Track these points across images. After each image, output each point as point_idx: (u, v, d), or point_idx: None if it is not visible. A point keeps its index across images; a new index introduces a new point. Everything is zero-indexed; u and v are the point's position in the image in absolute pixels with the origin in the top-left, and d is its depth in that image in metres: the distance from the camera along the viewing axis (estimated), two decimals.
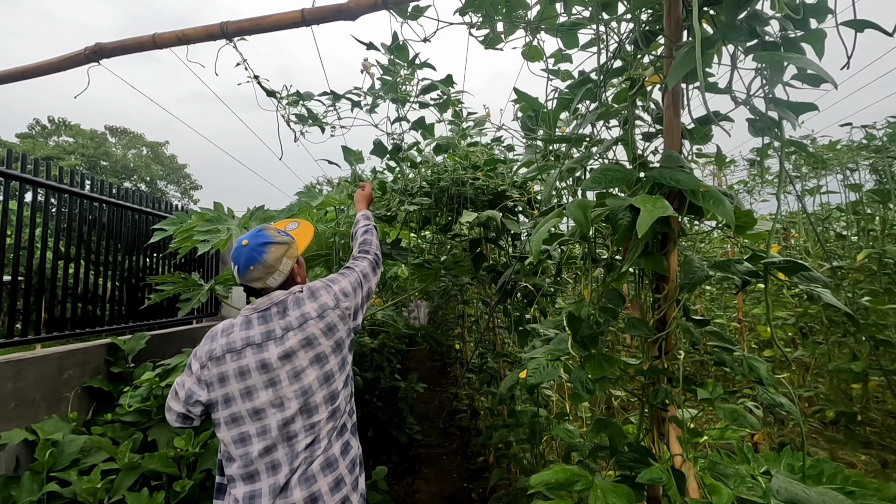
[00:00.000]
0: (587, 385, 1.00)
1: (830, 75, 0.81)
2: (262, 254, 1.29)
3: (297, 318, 1.27)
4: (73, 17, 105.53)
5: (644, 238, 0.98)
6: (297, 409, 1.21)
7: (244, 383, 1.22)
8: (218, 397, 1.23)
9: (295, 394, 1.22)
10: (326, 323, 1.29)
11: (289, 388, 1.22)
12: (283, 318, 1.27)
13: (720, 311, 4.44)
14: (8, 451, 2.09)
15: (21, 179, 2.46)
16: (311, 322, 1.27)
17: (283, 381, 1.22)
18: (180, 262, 4.01)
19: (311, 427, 1.21)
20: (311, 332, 1.26)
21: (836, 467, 1.04)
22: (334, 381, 1.27)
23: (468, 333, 3.96)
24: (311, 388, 1.23)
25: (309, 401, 1.22)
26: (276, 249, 1.32)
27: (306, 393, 1.22)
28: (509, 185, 2.32)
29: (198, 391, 1.25)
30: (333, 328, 1.30)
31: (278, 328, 1.26)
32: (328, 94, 2.13)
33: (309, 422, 1.22)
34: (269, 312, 1.29)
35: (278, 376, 1.22)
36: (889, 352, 2.42)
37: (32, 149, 22.01)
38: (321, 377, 1.25)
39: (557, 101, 1.43)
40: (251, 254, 1.29)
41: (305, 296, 1.33)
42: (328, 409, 1.24)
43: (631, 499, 0.94)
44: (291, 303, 1.30)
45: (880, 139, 2.68)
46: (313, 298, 1.32)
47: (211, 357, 1.25)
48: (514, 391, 2.37)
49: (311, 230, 1.58)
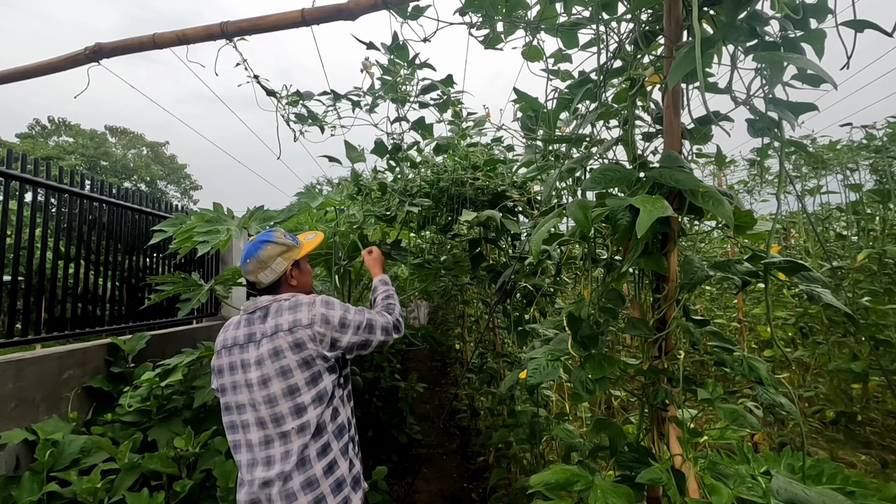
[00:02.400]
0: (587, 385, 1.00)
1: (830, 75, 0.81)
2: (258, 249, 1.38)
3: (271, 327, 1.30)
4: (71, 17, 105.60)
5: (644, 238, 0.98)
6: (266, 415, 1.26)
7: (232, 378, 1.31)
8: (218, 386, 1.35)
9: (263, 399, 1.26)
10: (295, 338, 1.28)
11: (258, 392, 1.26)
12: (262, 324, 1.32)
13: (720, 311, 4.44)
14: (8, 451, 2.09)
15: (21, 179, 2.46)
16: (281, 334, 1.28)
17: (255, 385, 1.27)
18: (180, 263, 4.01)
19: (282, 436, 1.25)
20: (279, 343, 1.28)
21: (836, 467, 1.04)
22: (299, 395, 1.26)
23: (468, 333, 3.96)
24: (275, 397, 1.26)
25: (275, 410, 1.25)
26: (272, 248, 1.39)
27: (272, 401, 1.26)
28: (509, 185, 2.32)
29: (213, 379, 1.38)
30: (301, 345, 1.28)
31: (258, 332, 1.31)
32: (328, 94, 2.13)
33: (279, 430, 1.25)
34: (254, 316, 1.35)
35: (251, 379, 1.28)
36: (889, 352, 2.42)
37: (32, 149, 22.01)
38: (285, 389, 1.26)
39: (557, 101, 1.43)
40: (250, 248, 1.40)
41: (287, 306, 1.34)
42: (295, 422, 1.25)
43: (631, 499, 0.94)
44: (273, 310, 1.34)
45: (880, 139, 2.68)
46: (292, 311, 1.32)
47: (218, 349, 1.37)
48: (513, 391, 2.37)
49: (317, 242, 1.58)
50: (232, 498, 2.02)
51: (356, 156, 2.26)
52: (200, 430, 2.35)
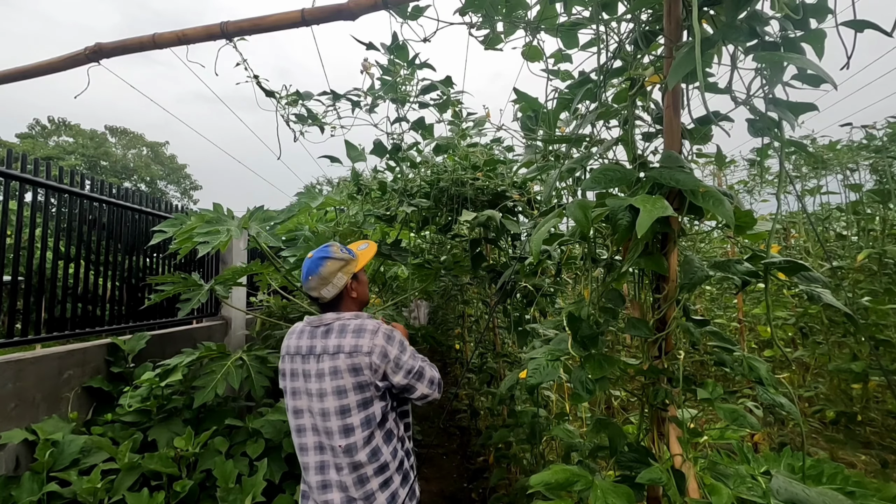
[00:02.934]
0: (587, 385, 1.00)
1: (830, 76, 0.81)
2: (320, 266, 1.43)
3: (334, 346, 1.36)
4: (71, 17, 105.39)
5: (644, 238, 0.98)
6: (321, 425, 1.34)
7: (293, 384, 1.41)
8: (283, 387, 1.45)
9: (318, 411, 1.34)
10: (353, 362, 1.34)
11: (316, 403, 1.35)
12: (324, 340, 1.39)
13: (720, 311, 4.44)
14: (8, 451, 2.09)
15: (21, 179, 2.46)
16: (342, 356, 1.34)
17: (314, 396, 1.35)
18: (180, 263, 4.01)
19: (332, 449, 1.34)
20: (339, 363, 1.34)
21: (836, 467, 1.04)
22: (350, 416, 1.32)
23: (468, 333, 3.96)
24: (328, 412, 1.33)
25: (327, 424, 1.33)
26: (333, 264, 1.44)
27: (325, 415, 1.34)
28: (509, 185, 2.32)
29: (279, 380, 1.48)
30: (359, 370, 1.34)
31: (319, 346, 1.38)
32: (328, 94, 2.13)
33: (330, 443, 1.34)
34: (318, 330, 1.42)
35: (311, 389, 1.36)
36: (889, 352, 2.42)
37: (32, 149, 22.01)
38: (338, 407, 1.33)
39: (557, 101, 1.43)
40: (311, 265, 1.44)
41: (351, 328, 1.39)
42: (344, 441, 1.32)
43: (631, 499, 0.94)
44: (336, 329, 1.40)
45: (880, 139, 2.68)
46: (356, 335, 1.37)
47: (283, 354, 1.46)
48: (514, 391, 2.37)
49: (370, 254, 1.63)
50: (232, 498, 2.02)
51: (356, 155, 2.26)
52: (200, 430, 2.35)
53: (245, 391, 2.53)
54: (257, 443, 2.33)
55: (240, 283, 2.82)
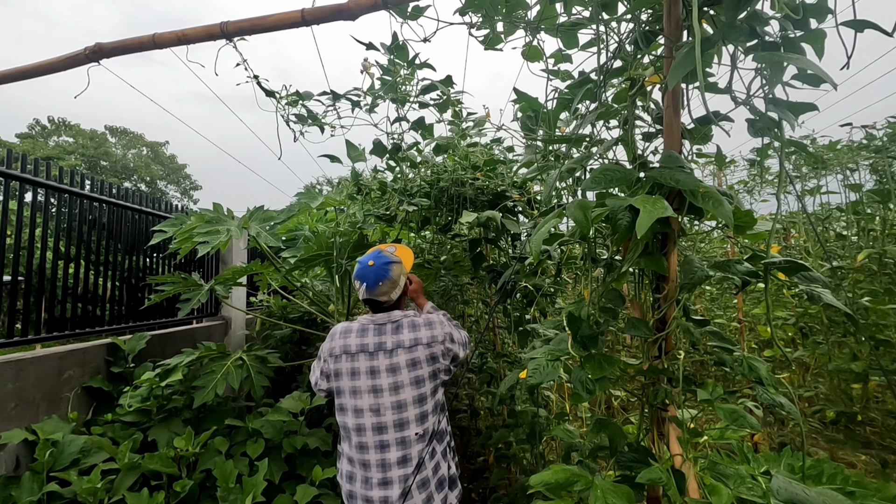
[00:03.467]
0: (587, 385, 1.00)
1: (830, 76, 0.81)
2: (389, 272, 1.50)
3: (410, 340, 1.44)
4: (71, 18, 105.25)
5: (644, 238, 0.98)
6: (390, 419, 1.38)
7: (353, 382, 1.42)
8: (333, 388, 1.46)
9: (392, 405, 1.38)
10: (431, 352, 1.44)
11: (388, 398, 1.39)
12: (395, 335, 1.45)
13: (720, 311, 4.44)
14: (8, 451, 2.09)
15: (21, 179, 2.46)
16: (421, 347, 1.43)
17: (385, 391, 1.39)
18: (180, 262, 4.01)
19: (401, 442, 1.37)
20: (417, 354, 1.42)
21: (836, 467, 1.04)
22: (426, 403, 1.42)
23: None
24: (405, 403, 1.39)
25: (403, 415, 1.38)
26: (397, 267, 1.53)
27: (401, 407, 1.39)
28: (509, 185, 2.32)
29: (322, 381, 1.50)
30: (436, 358, 1.45)
31: (390, 342, 1.43)
32: (328, 94, 2.13)
33: (400, 435, 1.37)
34: (385, 327, 1.47)
35: (381, 385, 1.39)
36: (889, 352, 2.42)
37: (32, 149, 22.01)
38: (416, 396, 1.40)
39: (557, 101, 1.43)
40: (379, 272, 1.49)
41: (422, 322, 1.49)
42: (419, 427, 1.39)
43: (631, 499, 0.94)
44: (407, 325, 1.47)
45: (880, 139, 2.68)
46: (428, 327, 1.48)
47: (331, 354, 1.47)
48: (514, 391, 2.37)
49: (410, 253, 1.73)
50: (232, 498, 2.02)
51: (357, 155, 2.26)
52: (200, 430, 2.35)
53: (245, 391, 2.53)
54: (257, 443, 2.33)
55: (240, 283, 2.82)
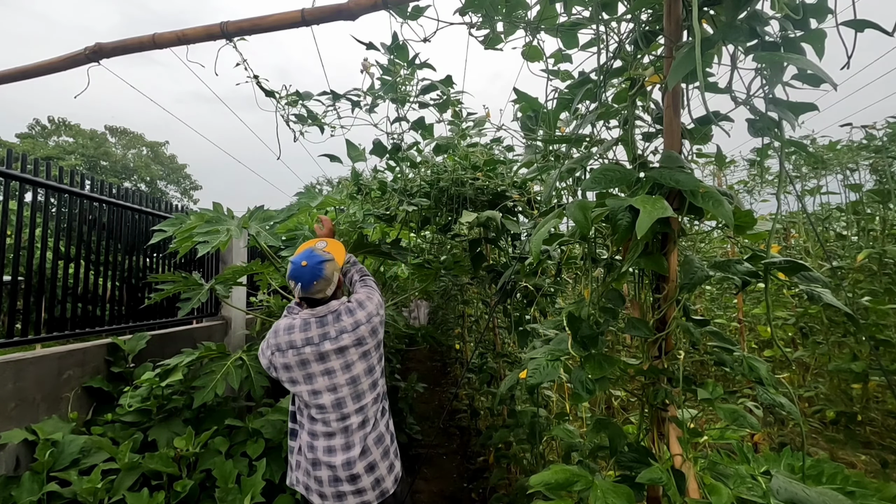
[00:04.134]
0: (587, 385, 1.00)
1: (830, 76, 0.81)
2: (322, 271, 1.59)
3: (351, 324, 1.58)
4: (70, 19, 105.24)
5: (644, 238, 0.98)
6: (347, 394, 1.55)
7: (305, 371, 1.55)
8: (283, 378, 1.58)
9: (346, 381, 1.55)
10: (372, 327, 1.61)
11: (341, 377, 1.55)
12: (337, 323, 1.58)
13: (720, 311, 4.44)
14: (8, 451, 2.09)
15: (21, 179, 2.46)
16: (362, 327, 1.59)
17: (337, 372, 1.55)
18: (180, 262, 4.01)
19: (360, 409, 1.57)
20: (361, 333, 1.58)
21: (836, 467, 1.04)
22: (375, 372, 1.62)
23: (468, 333, 3.96)
24: (359, 376, 1.57)
25: (358, 387, 1.57)
26: (330, 265, 1.63)
27: (356, 381, 1.56)
28: (509, 185, 2.32)
29: (270, 372, 1.62)
30: (376, 331, 1.63)
31: (333, 330, 1.57)
32: (328, 94, 2.13)
33: (359, 405, 1.57)
34: (326, 318, 1.59)
35: (333, 367, 1.55)
36: (889, 352, 2.42)
37: (32, 149, 22.00)
38: (366, 369, 1.59)
39: (557, 101, 1.43)
40: (314, 271, 1.58)
41: (355, 306, 1.63)
42: (372, 395, 1.60)
43: (631, 499, 0.94)
44: (344, 311, 1.61)
45: (880, 139, 2.68)
46: (362, 307, 1.63)
47: (278, 349, 1.58)
48: (514, 391, 2.37)
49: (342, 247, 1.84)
50: (231, 498, 2.02)
51: (357, 155, 2.26)
52: (200, 430, 2.35)
53: (245, 391, 2.53)
54: (257, 443, 2.33)
55: (240, 282, 2.82)
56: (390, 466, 1.60)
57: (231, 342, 4.12)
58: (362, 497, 1.53)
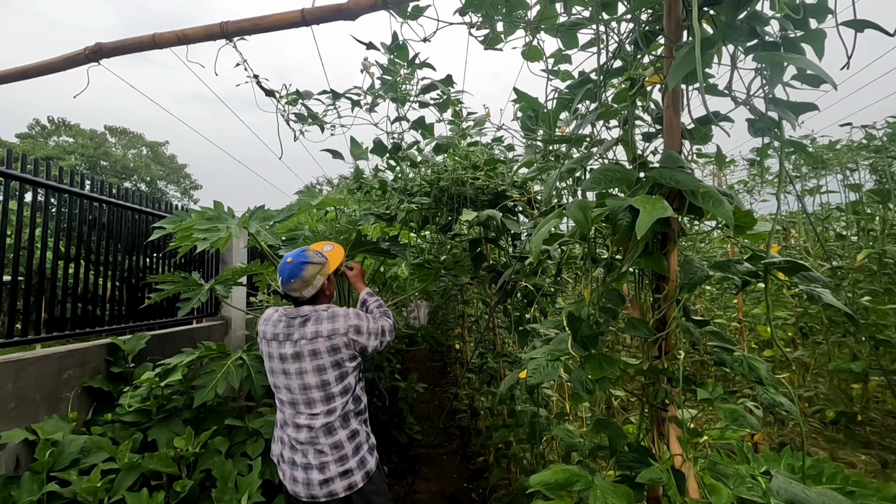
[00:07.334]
0: (587, 385, 1.00)
1: (830, 76, 0.81)
2: (302, 271, 1.61)
3: (311, 333, 1.58)
4: (69, 19, 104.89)
5: (644, 238, 0.98)
6: (300, 399, 1.58)
7: (271, 364, 1.64)
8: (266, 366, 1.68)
9: (298, 386, 1.58)
10: (332, 343, 1.58)
11: (294, 380, 1.59)
12: (302, 328, 1.59)
13: (720, 311, 4.44)
14: (8, 451, 2.09)
15: (21, 179, 2.46)
16: (321, 339, 1.57)
17: (292, 374, 1.59)
18: (180, 262, 4.01)
19: (312, 416, 1.58)
20: (317, 346, 1.57)
21: (836, 467, 1.04)
22: (330, 388, 1.59)
23: (468, 333, 3.96)
24: (310, 386, 1.58)
25: (309, 395, 1.58)
26: (312, 268, 1.64)
27: (307, 389, 1.58)
28: (509, 185, 2.32)
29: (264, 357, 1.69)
30: (337, 349, 1.59)
31: (296, 333, 1.59)
32: (328, 94, 2.13)
33: (309, 411, 1.58)
34: (294, 320, 1.62)
35: (289, 369, 1.59)
36: (889, 352, 2.42)
37: (32, 149, 22.00)
38: (319, 382, 1.58)
39: (557, 101, 1.43)
40: (293, 269, 1.61)
41: (325, 316, 1.61)
42: (324, 408, 1.58)
43: (631, 499, 0.94)
44: (313, 318, 1.61)
45: (880, 139, 2.68)
46: (331, 321, 1.60)
47: (263, 337, 1.68)
48: (514, 391, 2.37)
49: (342, 252, 1.88)
50: (228, 498, 2.02)
51: (359, 153, 2.26)
52: (200, 430, 2.35)
53: (245, 391, 2.53)
54: (257, 443, 2.33)
55: (240, 282, 2.82)
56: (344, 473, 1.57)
57: (231, 342, 4.12)
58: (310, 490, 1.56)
